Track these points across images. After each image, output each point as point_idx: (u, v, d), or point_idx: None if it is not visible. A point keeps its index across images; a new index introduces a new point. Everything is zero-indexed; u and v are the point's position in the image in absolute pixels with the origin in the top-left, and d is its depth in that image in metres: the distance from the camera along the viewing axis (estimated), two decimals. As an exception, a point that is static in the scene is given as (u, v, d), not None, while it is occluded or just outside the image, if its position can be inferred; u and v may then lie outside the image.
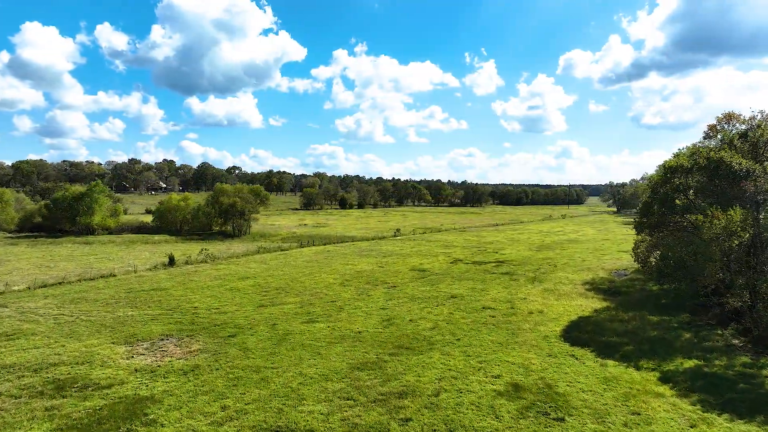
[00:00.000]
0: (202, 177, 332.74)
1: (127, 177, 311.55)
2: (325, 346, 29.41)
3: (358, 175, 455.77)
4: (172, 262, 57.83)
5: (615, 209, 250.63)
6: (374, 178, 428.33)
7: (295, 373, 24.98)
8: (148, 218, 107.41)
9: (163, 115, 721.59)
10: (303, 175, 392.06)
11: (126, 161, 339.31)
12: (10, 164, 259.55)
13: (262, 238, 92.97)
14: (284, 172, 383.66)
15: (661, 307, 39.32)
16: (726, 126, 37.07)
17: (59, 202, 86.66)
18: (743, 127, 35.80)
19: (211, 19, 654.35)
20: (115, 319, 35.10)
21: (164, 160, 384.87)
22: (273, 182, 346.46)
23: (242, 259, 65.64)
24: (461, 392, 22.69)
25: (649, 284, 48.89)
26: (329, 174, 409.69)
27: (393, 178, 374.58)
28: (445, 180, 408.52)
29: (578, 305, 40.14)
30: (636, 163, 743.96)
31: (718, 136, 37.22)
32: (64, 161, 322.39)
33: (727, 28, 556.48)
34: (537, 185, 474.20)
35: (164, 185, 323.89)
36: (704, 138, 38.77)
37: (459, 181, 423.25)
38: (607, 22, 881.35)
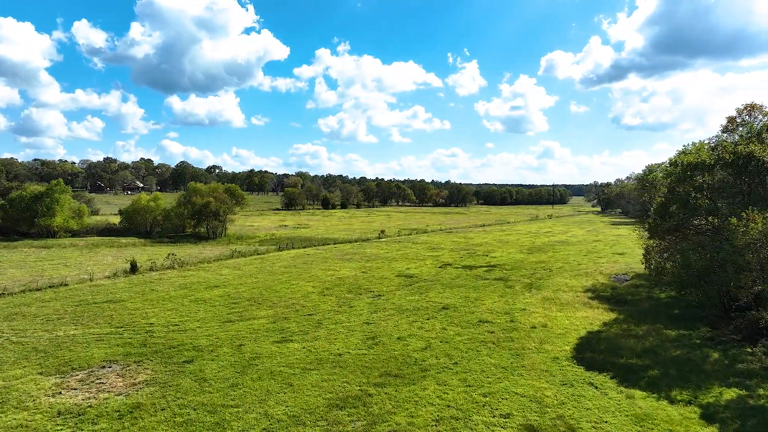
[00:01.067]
0: (181, 176, 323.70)
1: (102, 176, 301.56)
2: (298, 374, 24.73)
3: (341, 175, 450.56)
4: (134, 268, 52.43)
5: (599, 209, 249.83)
6: (358, 177, 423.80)
7: (259, 413, 20.27)
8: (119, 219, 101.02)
9: (143, 113, 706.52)
10: (285, 175, 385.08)
11: (101, 160, 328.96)
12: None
13: (239, 241, 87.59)
14: (266, 172, 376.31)
15: (675, 319, 35.49)
16: (747, 118, 33.42)
17: (15, 202, 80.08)
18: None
19: (191, 17, 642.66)
20: (52, 340, 29.88)
21: (141, 159, 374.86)
22: (254, 182, 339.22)
23: (214, 264, 60.41)
24: (465, 439, 18.28)
25: (655, 291, 45.22)
26: (312, 174, 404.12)
27: (377, 178, 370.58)
28: (428, 180, 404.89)
29: (584, 317, 36.10)
30: (616, 163, 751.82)
31: (739, 129, 33.56)
32: (35, 160, 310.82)
33: (704, 31, 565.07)
34: (520, 185, 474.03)
35: (141, 185, 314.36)
36: (722, 132, 35.12)
37: (442, 181, 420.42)
38: (587, 24, 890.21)
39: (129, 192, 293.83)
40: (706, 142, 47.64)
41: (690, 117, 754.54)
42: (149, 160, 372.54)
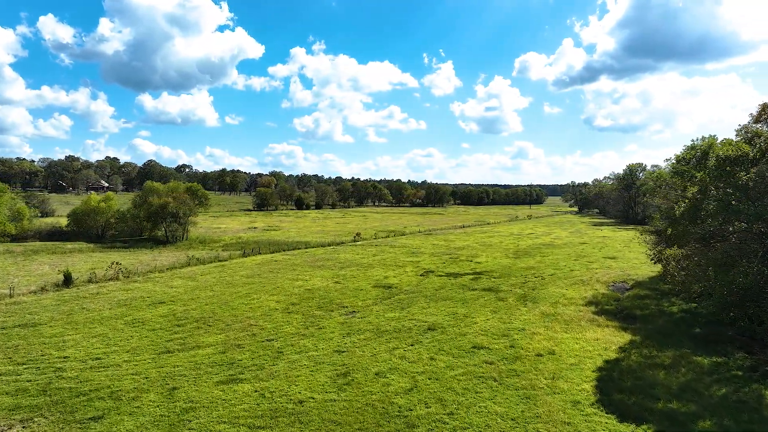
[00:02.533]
0: (148, 176, 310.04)
1: (64, 176, 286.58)
2: (243, 436, 18.41)
3: (316, 175, 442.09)
4: (68, 281, 44.98)
5: (576, 209, 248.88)
6: (333, 177, 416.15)
7: None
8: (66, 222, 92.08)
9: (113, 112, 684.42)
10: (259, 175, 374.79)
11: (63, 158, 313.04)
12: None
13: (201, 245, 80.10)
14: (238, 171, 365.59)
15: (700, 341, 30.36)
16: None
17: (-57, 204, 71.05)
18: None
19: (163, 13, 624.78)
20: None
21: (107, 157, 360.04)
22: (226, 181, 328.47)
23: (166, 273, 53.20)
24: None
25: (664, 303, 40.30)
26: (287, 174, 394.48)
27: (353, 178, 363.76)
28: (404, 180, 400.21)
29: (595, 339, 30.65)
30: (588, 163, 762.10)
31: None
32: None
33: (672, 36, 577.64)
34: (496, 185, 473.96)
35: (106, 184, 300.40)
36: (754, 122, 30.21)
37: (419, 181, 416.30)
38: (560, 26, 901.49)
39: (93, 192, 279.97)
40: (707, 138, 43.10)
41: (659, 118, 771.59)
42: (115, 158, 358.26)
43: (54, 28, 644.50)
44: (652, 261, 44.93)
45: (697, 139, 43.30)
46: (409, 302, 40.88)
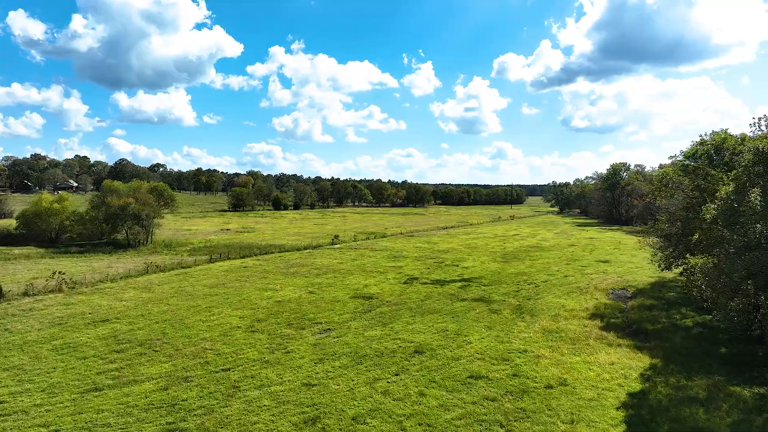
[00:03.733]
0: (120, 175, 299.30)
1: (29, 175, 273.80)
2: None
3: (295, 175, 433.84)
4: (-2, 294, 38.94)
5: (557, 209, 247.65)
6: (313, 177, 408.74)
7: None
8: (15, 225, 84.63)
9: (87, 110, 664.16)
10: (236, 174, 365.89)
11: (29, 157, 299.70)
12: None
13: (166, 249, 73.92)
14: (214, 171, 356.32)
15: (729, 363, 26.25)
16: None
17: None
18: None
19: (139, 10, 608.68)
20: None
21: (76, 156, 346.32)
22: (201, 181, 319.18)
23: (119, 283, 47.33)
24: None
25: (674, 315, 36.39)
26: (266, 173, 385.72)
27: (332, 178, 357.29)
28: (385, 180, 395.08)
29: (610, 363, 26.28)
30: (565, 164, 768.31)
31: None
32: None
33: (647, 38, 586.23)
34: (476, 185, 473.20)
35: (75, 184, 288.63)
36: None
37: (399, 181, 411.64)
38: (538, 27, 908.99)
39: (60, 192, 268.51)
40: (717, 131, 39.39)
41: (634, 120, 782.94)
42: (85, 157, 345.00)
43: (24, 24, 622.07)
44: (660, 268, 41.01)
45: (706, 134, 39.62)
46: (392, 316, 36.08)
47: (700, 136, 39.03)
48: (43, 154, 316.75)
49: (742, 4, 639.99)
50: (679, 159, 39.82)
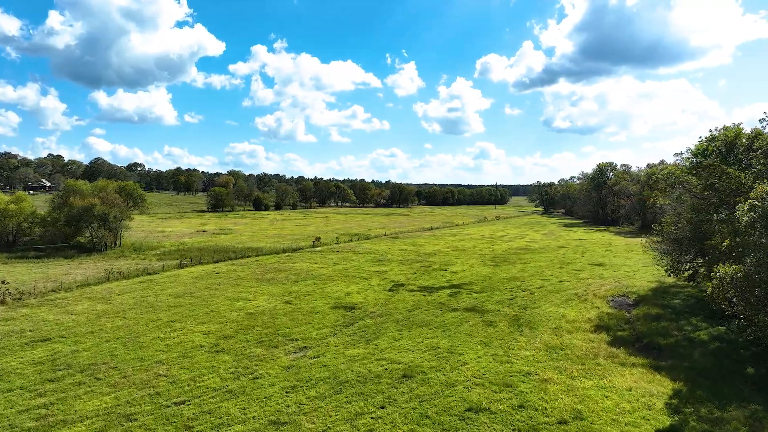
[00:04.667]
0: (95, 174, 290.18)
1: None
2: None
3: (277, 174, 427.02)
4: (-73, 308, 34.08)
5: (542, 209, 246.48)
6: (296, 177, 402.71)
7: None
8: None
9: (65, 108, 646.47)
10: (217, 174, 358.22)
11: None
12: None
13: (135, 253, 69.03)
14: (194, 170, 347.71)
15: (762, 387, 23.04)
16: None
17: None
18: None
19: (118, 7, 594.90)
20: None
21: (49, 155, 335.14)
22: (180, 181, 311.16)
23: (74, 292, 42.67)
24: None
25: (685, 327, 33.23)
26: (249, 173, 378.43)
27: (315, 177, 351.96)
28: (368, 180, 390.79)
29: (627, 388, 22.83)
30: (546, 164, 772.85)
31: None
32: None
33: (627, 40, 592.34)
34: (459, 185, 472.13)
35: (48, 183, 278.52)
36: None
37: (383, 181, 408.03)
38: (520, 29, 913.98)
39: (32, 192, 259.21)
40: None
41: (614, 121, 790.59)
42: (59, 156, 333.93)
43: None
44: (668, 274, 37.95)
45: (715, 129, 36.70)
46: (377, 330, 32.29)
47: (710, 131, 36.14)
48: (14, 153, 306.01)
49: (720, 7, 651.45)
50: (686, 156, 36.93)
